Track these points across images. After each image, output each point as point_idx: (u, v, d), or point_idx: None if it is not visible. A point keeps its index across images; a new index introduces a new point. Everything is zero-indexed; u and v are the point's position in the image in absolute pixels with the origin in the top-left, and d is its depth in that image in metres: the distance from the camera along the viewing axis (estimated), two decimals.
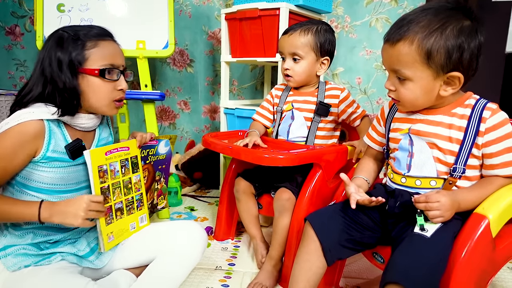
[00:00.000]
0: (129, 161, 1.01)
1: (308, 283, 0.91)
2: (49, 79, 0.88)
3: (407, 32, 0.80)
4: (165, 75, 2.38)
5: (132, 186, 1.02)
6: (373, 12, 2.05)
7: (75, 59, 0.88)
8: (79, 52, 0.88)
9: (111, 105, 0.95)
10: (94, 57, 0.90)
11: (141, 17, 1.67)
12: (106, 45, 0.92)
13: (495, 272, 0.86)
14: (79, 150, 0.91)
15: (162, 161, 1.15)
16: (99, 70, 0.90)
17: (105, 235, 0.93)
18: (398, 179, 0.94)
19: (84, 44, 0.89)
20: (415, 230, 0.81)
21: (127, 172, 1.00)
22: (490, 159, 0.85)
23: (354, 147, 1.27)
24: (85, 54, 0.89)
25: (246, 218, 1.34)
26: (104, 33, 0.94)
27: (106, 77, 0.91)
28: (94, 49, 0.90)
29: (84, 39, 0.89)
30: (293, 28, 1.28)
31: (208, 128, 2.46)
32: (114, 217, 0.97)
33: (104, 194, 0.93)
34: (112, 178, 0.96)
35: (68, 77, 0.87)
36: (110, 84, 0.93)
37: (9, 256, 0.88)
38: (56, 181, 0.90)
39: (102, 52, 0.91)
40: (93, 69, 0.89)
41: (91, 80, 0.90)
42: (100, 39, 0.92)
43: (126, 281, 0.96)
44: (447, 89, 0.83)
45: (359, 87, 2.14)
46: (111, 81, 0.92)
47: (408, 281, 0.71)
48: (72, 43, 0.88)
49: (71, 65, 0.88)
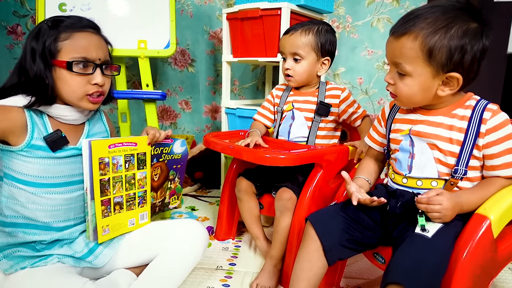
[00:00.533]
0: (135, 157, 1.00)
1: (309, 283, 0.91)
2: (23, 69, 0.89)
3: (413, 27, 0.80)
4: (166, 75, 2.38)
5: (135, 182, 1.02)
6: (375, 12, 2.04)
7: (47, 49, 0.86)
8: (51, 43, 0.87)
9: (83, 99, 0.92)
10: (66, 48, 0.88)
11: (142, 17, 1.67)
12: (81, 36, 0.90)
13: (496, 273, 0.85)
14: (59, 141, 0.90)
15: (177, 160, 1.15)
16: (66, 62, 0.87)
17: (100, 227, 0.94)
18: (399, 180, 0.94)
19: (58, 35, 0.87)
20: (416, 231, 0.81)
21: (131, 167, 1.00)
22: (491, 160, 0.84)
23: (355, 148, 1.27)
24: (58, 46, 0.87)
25: (248, 218, 1.34)
26: (83, 24, 0.91)
27: (75, 70, 0.88)
28: (67, 40, 0.88)
29: (60, 30, 0.88)
30: (294, 28, 1.28)
31: (209, 128, 2.46)
32: (112, 210, 0.97)
33: (103, 187, 0.93)
34: (114, 172, 0.95)
35: (39, 68, 0.86)
36: (82, 78, 0.90)
37: (5, 259, 0.87)
38: (41, 172, 0.89)
39: (75, 44, 0.88)
40: (62, 61, 0.87)
41: (61, 73, 0.88)
42: (76, 30, 0.89)
43: (126, 280, 0.96)
44: (445, 89, 0.83)
45: (361, 87, 2.14)
46: (82, 75, 0.89)
47: (409, 281, 0.71)
48: (47, 33, 0.87)
49: (43, 56, 0.87)
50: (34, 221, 0.90)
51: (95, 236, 0.95)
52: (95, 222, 0.94)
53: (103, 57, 0.93)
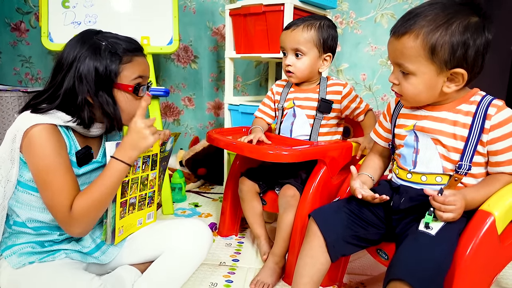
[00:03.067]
0: (150, 158, 1.01)
1: (312, 279, 0.92)
2: (80, 82, 0.85)
3: (413, 26, 0.79)
4: (169, 71, 2.38)
5: (147, 183, 1.03)
6: (378, 8, 2.03)
7: (111, 72, 0.86)
8: (115, 65, 0.86)
9: (132, 119, 0.92)
10: (127, 72, 0.88)
11: (145, 13, 1.67)
12: (140, 61, 0.91)
13: (500, 269, 0.85)
14: (88, 158, 0.90)
15: (166, 157, 1.16)
16: (133, 87, 0.89)
17: (117, 228, 0.94)
18: (404, 175, 0.94)
19: (121, 58, 0.87)
20: (419, 228, 0.81)
21: (146, 168, 1.00)
22: (495, 156, 0.84)
23: (358, 144, 1.26)
24: (119, 68, 0.87)
25: (251, 217, 1.34)
26: (139, 48, 0.92)
27: (139, 94, 0.90)
28: (129, 64, 0.88)
29: (121, 53, 0.87)
30: (295, 23, 1.26)
31: (212, 124, 2.46)
32: (127, 211, 0.97)
33: (123, 188, 0.93)
34: (133, 173, 0.96)
35: (104, 99, 0.86)
36: (139, 100, 0.91)
37: (14, 255, 0.88)
38: None
39: (136, 68, 0.89)
40: (127, 85, 0.88)
41: (124, 96, 0.89)
42: (135, 54, 0.90)
43: (131, 276, 0.96)
44: (450, 85, 0.83)
45: (364, 83, 2.13)
46: (140, 97, 0.92)
47: (412, 278, 0.71)
48: (109, 55, 0.86)
49: (107, 78, 0.86)
50: (48, 224, 0.91)
51: (113, 239, 0.95)
52: (114, 224, 0.94)
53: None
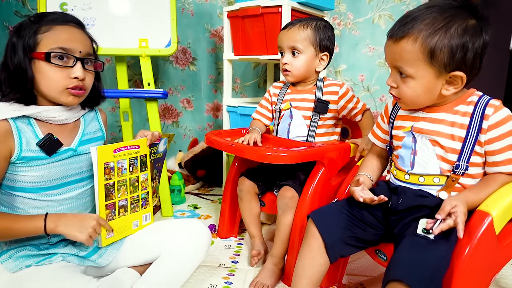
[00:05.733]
0: (138, 160, 1.01)
1: (311, 280, 0.92)
2: (4, 64, 0.86)
3: (411, 30, 0.80)
4: (167, 74, 2.38)
5: (139, 185, 1.03)
6: (376, 9, 2.04)
7: (27, 43, 0.84)
8: (31, 36, 0.84)
9: (64, 93, 0.88)
10: (45, 41, 0.85)
11: (143, 16, 1.67)
12: (61, 29, 0.87)
13: (498, 269, 0.85)
14: (54, 145, 0.88)
15: (160, 159, 1.16)
16: (45, 53, 0.84)
17: (104, 230, 0.94)
18: (402, 176, 0.94)
19: (38, 28, 0.85)
20: (417, 232, 0.80)
21: (135, 170, 1.01)
22: (493, 156, 0.84)
23: (357, 145, 1.26)
24: (37, 38, 0.85)
25: (247, 217, 1.34)
26: (66, 19, 0.89)
27: (53, 61, 0.85)
28: (47, 33, 0.85)
29: (41, 23, 0.86)
30: (292, 23, 1.28)
31: (211, 126, 2.47)
32: (116, 214, 0.97)
33: (108, 191, 0.94)
34: (119, 176, 0.96)
35: (20, 59, 0.84)
36: (61, 71, 0.86)
37: (10, 259, 0.87)
38: (39, 179, 0.88)
39: (54, 36, 0.86)
40: (41, 53, 0.84)
41: (40, 65, 0.85)
42: (58, 24, 0.87)
43: (129, 279, 0.96)
44: (449, 88, 0.83)
45: (362, 84, 2.13)
46: (61, 67, 0.86)
47: (411, 278, 0.71)
48: (28, 28, 0.85)
49: (24, 49, 0.84)
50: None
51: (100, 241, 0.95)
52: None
53: (84, 51, 0.90)
